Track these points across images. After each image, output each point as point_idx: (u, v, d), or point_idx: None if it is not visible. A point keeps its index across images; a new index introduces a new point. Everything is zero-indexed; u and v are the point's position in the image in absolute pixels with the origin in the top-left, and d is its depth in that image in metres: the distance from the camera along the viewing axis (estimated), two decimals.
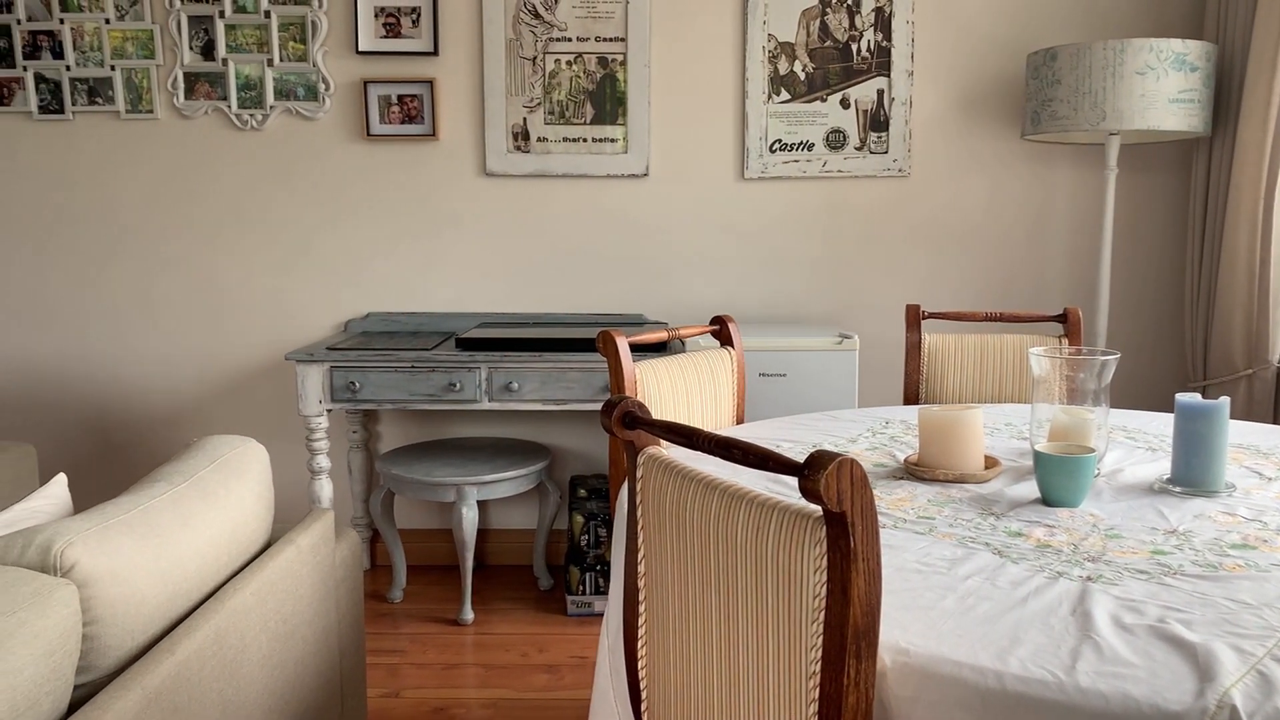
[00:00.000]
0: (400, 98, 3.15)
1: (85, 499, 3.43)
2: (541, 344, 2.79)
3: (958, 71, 3.18)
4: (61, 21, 3.15)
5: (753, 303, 3.27)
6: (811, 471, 0.90)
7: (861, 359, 3.31)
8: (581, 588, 2.97)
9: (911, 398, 2.50)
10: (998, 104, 3.19)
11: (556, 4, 3.10)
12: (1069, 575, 1.18)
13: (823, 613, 0.95)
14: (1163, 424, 2.01)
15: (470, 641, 2.80)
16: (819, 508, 0.94)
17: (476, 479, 2.85)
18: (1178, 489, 1.53)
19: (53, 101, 3.19)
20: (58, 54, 3.16)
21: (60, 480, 1.58)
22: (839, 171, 3.19)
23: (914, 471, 1.62)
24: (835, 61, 3.15)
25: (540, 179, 3.22)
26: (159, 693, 1.18)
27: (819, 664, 0.96)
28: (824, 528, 0.94)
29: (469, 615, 2.93)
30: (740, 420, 2.17)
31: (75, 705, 1.18)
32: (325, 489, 2.90)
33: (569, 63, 3.13)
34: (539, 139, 3.16)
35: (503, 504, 3.41)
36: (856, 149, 3.18)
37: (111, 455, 3.38)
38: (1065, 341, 2.44)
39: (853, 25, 3.13)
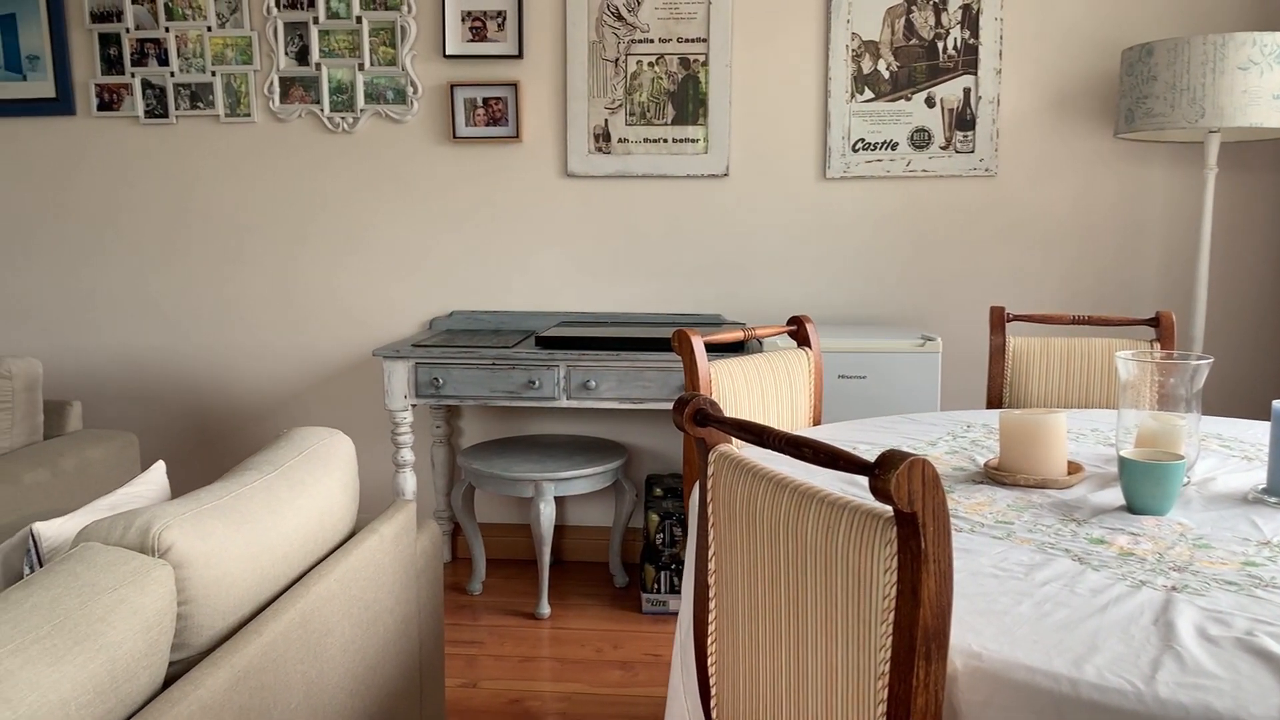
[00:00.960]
0: (485, 100, 3.21)
1: (181, 486, 3.58)
2: (619, 343, 2.81)
3: (1047, 69, 3.10)
4: (167, 30, 3.29)
5: (833, 304, 3.25)
6: (882, 471, 0.90)
7: (944, 362, 3.26)
8: (656, 586, 2.99)
9: (995, 401, 2.46)
10: (1089, 102, 3.11)
11: (639, 6, 3.12)
12: (1152, 584, 1.15)
13: (892, 613, 0.95)
14: (1260, 432, 1.93)
15: (546, 636, 2.84)
16: (890, 508, 0.94)
17: (554, 475, 2.89)
18: (1273, 499, 1.47)
19: (158, 106, 3.34)
20: (163, 61, 3.31)
21: (159, 467, 1.66)
22: (923, 171, 3.14)
23: (994, 476, 1.60)
24: (920, 60, 3.10)
25: (621, 180, 3.24)
26: (247, 672, 1.23)
27: (888, 664, 0.95)
28: (895, 528, 0.94)
29: (545, 610, 2.97)
30: (818, 422, 2.16)
31: (169, 680, 1.24)
32: (409, 482, 2.97)
33: (650, 64, 3.15)
34: (620, 140, 3.19)
35: (579, 501, 3.45)
36: (941, 148, 3.13)
37: (207, 445, 3.52)
38: (1157, 346, 2.36)
39: (939, 23, 3.08)
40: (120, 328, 3.49)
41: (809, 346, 2.13)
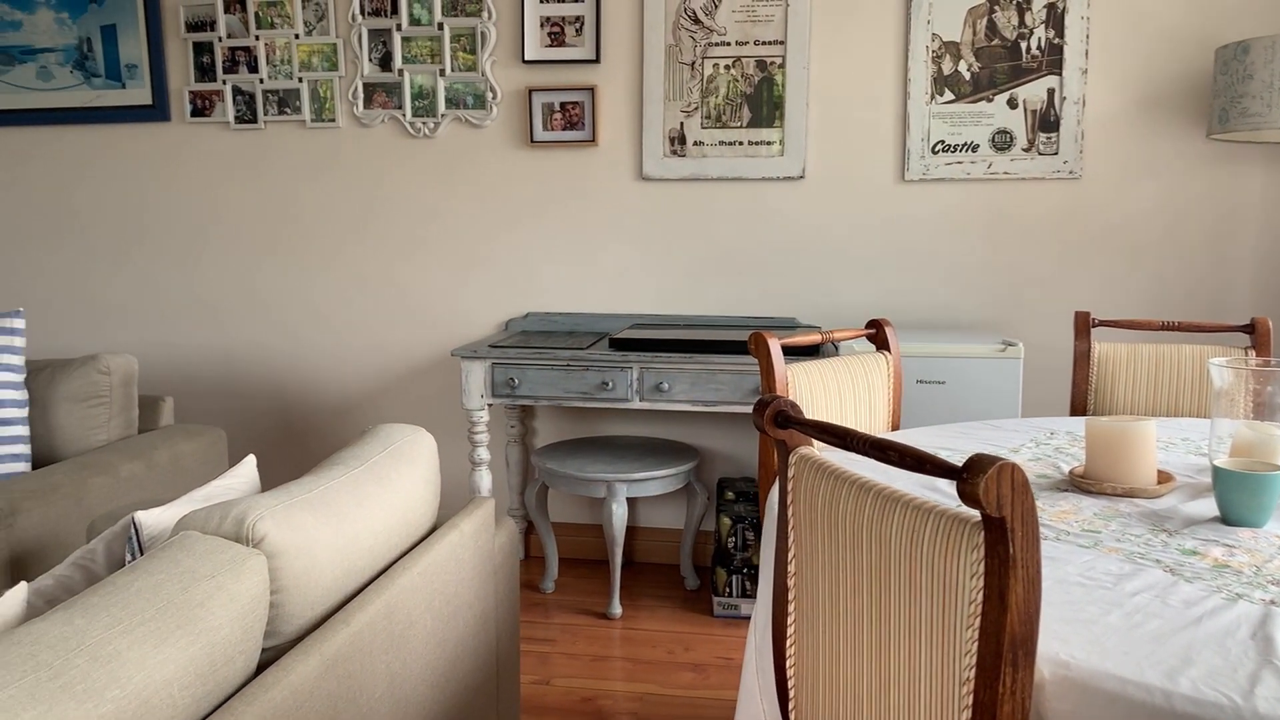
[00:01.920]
0: (562, 105, 3.25)
1: (268, 480, 3.68)
2: (693, 345, 2.82)
3: (1136, 68, 3.02)
4: (257, 38, 3.40)
5: (911, 308, 3.21)
6: (970, 475, 0.89)
7: (1026, 368, 3.19)
8: (728, 590, 2.98)
9: (1079, 409, 2.40)
10: (1180, 101, 3.02)
11: (716, 9, 3.13)
12: (1249, 598, 1.11)
13: (978, 619, 0.94)
14: None
15: (618, 635, 2.86)
16: (977, 512, 0.93)
17: (627, 476, 2.90)
18: None
19: (247, 112, 3.45)
20: (253, 68, 3.42)
21: (250, 461, 1.72)
22: (1005, 173, 3.09)
23: (1079, 484, 1.56)
24: (1003, 60, 3.05)
25: (695, 182, 3.25)
26: (335, 660, 1.27)
27: (973, 671, 0.94)
28: (982, 533, 0.93)
29: (617, 610, 2.99)
30: (896, 427, 2.14)
31: (261, 667, 1.28)
32: (484, 480, 3.01)
33: (727, 67, 3.15)
34: (695, 143, 3.20)
35: (651, 502, 3.46)
36: (1024, 150, 3.07)
37: (291, 441, 3.62)
38: (1252, 353, 2.28)
39: (1022, 22, 3.02)
40: (210, 327, 3.61)
41: (888, 350, 2.11)
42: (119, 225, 3.61)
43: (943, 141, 3.10)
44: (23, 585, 1.22)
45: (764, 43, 3.13)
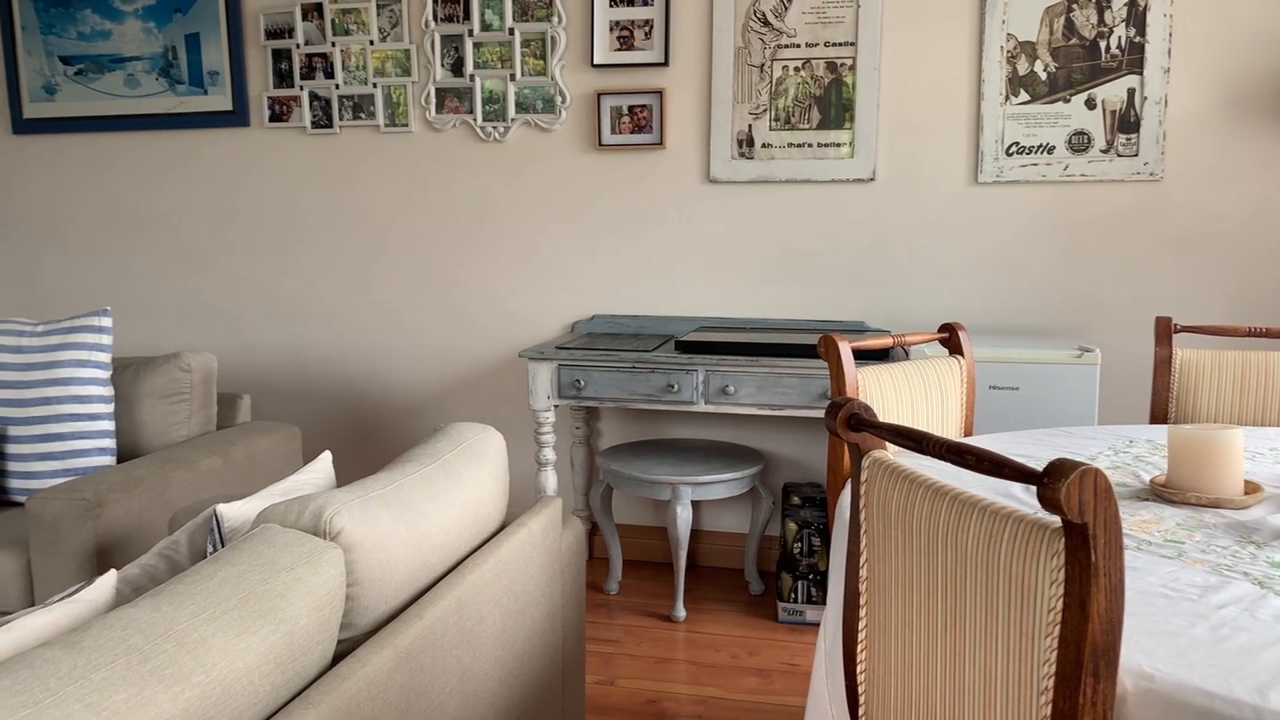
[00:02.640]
0: (631, 108, 3.26)
1: (341, 477, 3.76)
2: (759, 348, 2.80)
3: (1221, 67, 2.93)
4: (333, 44, 3.47)
5: (984, 312, 3.15)
6: (1051, 480, 0.87)
7: (1103, 374, 3.11)
8: (794, 596, 2.96)
9: (1159, 416, 2.33)
10: (1267, 100, 2.91)
11: (786, 11, 3.11)
12: None
13: (1058, 627, 0.92)
14: None
15: (682, 638, 2.86)
16: (1058, 518, 0.91)
17: (691, 479, 2.90)
18: None
19: (323, 117, 3.53)
20: (329, 74, 3.50)
21: (326, 457, 1.75)
22: (1082, 175, 3.02)
23: (1161, 493, 1.52)
24: (1081, 60, 2.98)
25: (763, 185, 3.23)
26: (408, 653, 1.29)
27: (1052, 680, 0.92)
28: (1062, 539, 0.91)
29: (681, 613, 2.98)
30: (968, 432, 2.10)
31: (337, 658, 1.31)
32: (550, 480, 3.04)
33: (796, 69, 3.13)
34: (763, 145, 3.19)
35: (716, 506, 3.45)
36: (1102, 151, 3.00)
37: (362, 438, 3.69)
38: None
39: (1101, 21, 2.95)
40: (286, 327, 3.70)
41: (961, 355, 2.07)
42: (200, 228, 3.72)
43: (1017, 143, 3.04)
44: (112, 573, 1.26)
45: (834, 44, 3.10)
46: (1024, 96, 3.03)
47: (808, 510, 2.98)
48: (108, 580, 1.25)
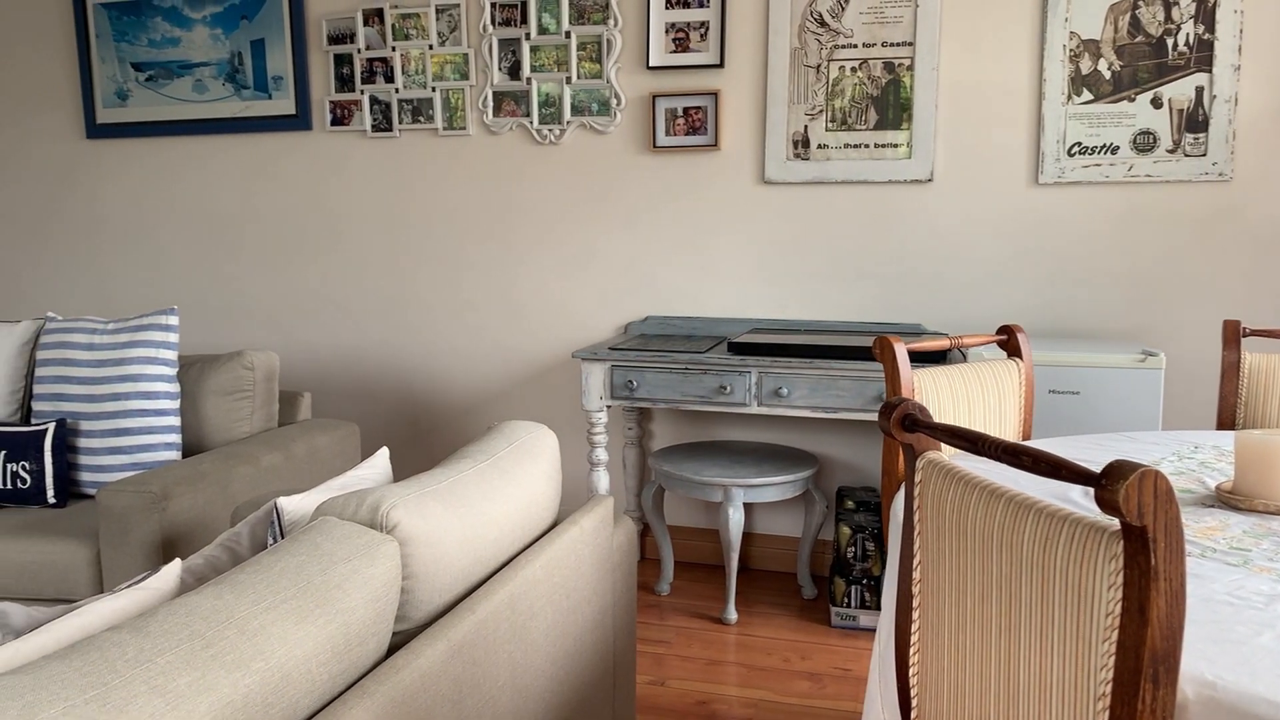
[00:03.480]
0: (685, 110, 3.27)
1: (398, 474, 3.82)
2: (813, 350, 2.79)
3: None
4: (393, 49, 3.53)
5: (1043, 315, 3.09)
6: (1110, 481, 0.86)
7: (1167, 379, 3.04)
8: (847, 600, 2.94)
9: (1226, 422, 2.27)
10: None
11: (843, 11, 3.09)
12: None
13: (1115, 632, 0.90)
14: None
15: (733, 641, 2.85)
16: (1116, 521, 0.89)
17: (744, 481, 2.89)
18: None
19: (383, 121, 3.59)
20: (389, 78, 3.56)
21: (383, 453, 1.78)
22: (1146, 176, 2.95)
23: (1227, 500, 1.48)
24: (1146, 58, 2.91)
25: (819, 186, 3.22)
26: (461, 646, 1.31)
27: (1109, 686, 0.90)
28: (1121, 542, 0.89)
29: (732, 615, 2.98)
30: (1026, 437, 2.07)
31: (391, 650, 1.33)
32: (602, 480, 3.05)
33: (853, 69, 3.11)
34: (819, 146, 3.17)
35: (768, 509, 3.43)
36: (1169, 152, 2.93)
37: (419, 436, 3.75)
38: None
39: (1169, 18, 2.88)
40: (345, 327, 3.77)
41: (1019, 357, 2.04)
42: (264, 229, 3.81)
43: (1080, 143, 2.99)
44: (177, 561, 1.30)
45: (892, 44, 3.08)
46: (1087, 96, 2.97)
47: (862, 514, 2.95)
48: (173, 569, 1.28)
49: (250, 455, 2.59)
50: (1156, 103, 2.92)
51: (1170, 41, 2.89)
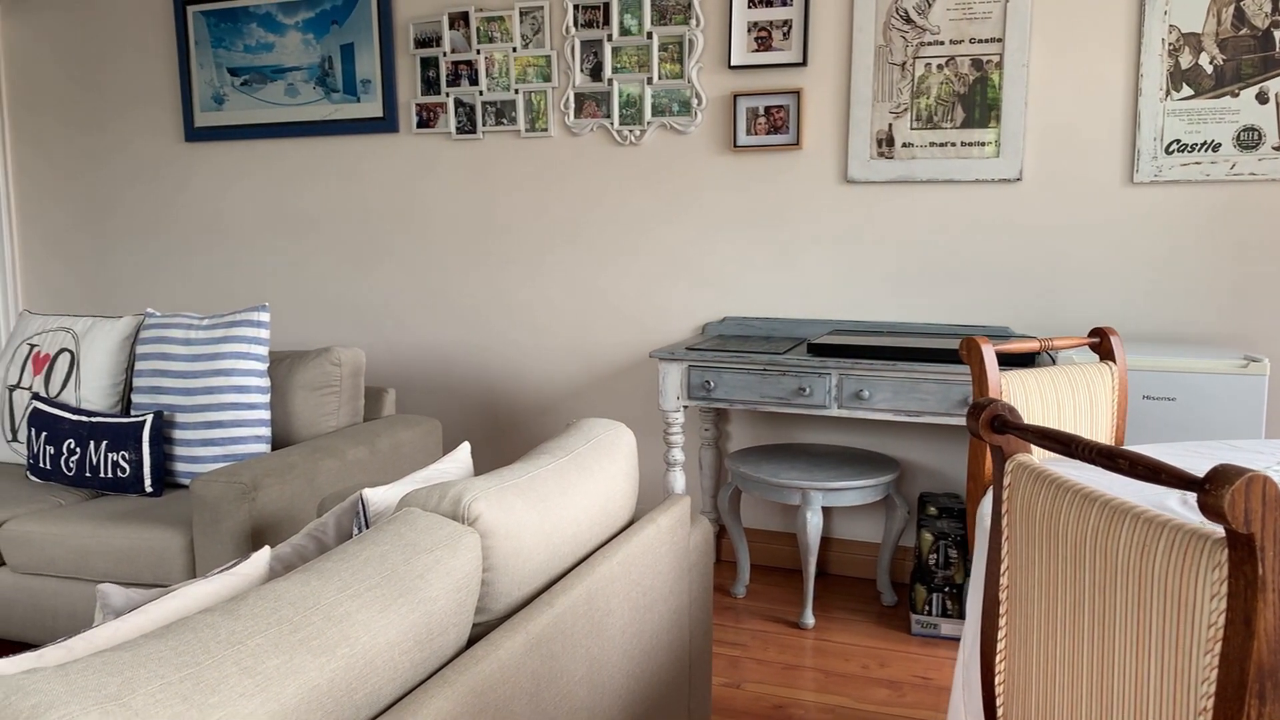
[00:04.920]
0: (767, 109, 3.24)
1: (478, 470, 3.87)
2: (896, 352, 2.74)
3: None
4: (478, 52, 3.59)
5: (1137, 318, 2.99)
6: (1214, 486, 0.82)
7: (1272, 385, 2.90)
8: (928, 608, 2.88)
9: None
10: None
11: (930, 8, 3.04)
12: None
13: (1218, 644, 0.86)
14: None
15: (810, 646, 2.81)
16: (1220, 527, 0.85)
17: (823, 485, 2.85)
18: None
19: (467, 123, 3.65)
20: (473, 81, 3.61)
21: (465, 447, 1.81)
22: (1251, 174, 2.83)
23: None
24: (1252, 52, 2.79)
25: (902, 185, 3.16)
26: (540, 639, 1.31)
27: (1211, 700, 0.87)
28: (1226, 550, 0.85)
29: (810, 620, 2.94)
30: (1119, 443, 2.00)
31: (471, 641, 1.34)
32: (679, 481, 3.04)
33: (940, 66, 3.05)
34: (904, 144, 3.11)
35: (847, 513, 3.39)
36: (1275, 149, 2.80)
37: (498, 433, 3.79)
38: None
39: (1276, 9, 2.76)
40: (429, 324, 3.83)
41: (1113, 361, 1.97)
42: (351, 229, 3.90)
43: (1178, 140, 2.88)
44: (266, 549, 1.34)
45: (980, 40, 3.01)
46: (1187, 91, 2.86)
47: (945, 521, 2.89)
48: (262, 556, 1.32)
49: (336, 449, 2.65)
50: (1262, 98, 2.80)
51: (1278, 34, 2.77)
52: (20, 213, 4.46)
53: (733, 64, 3.26)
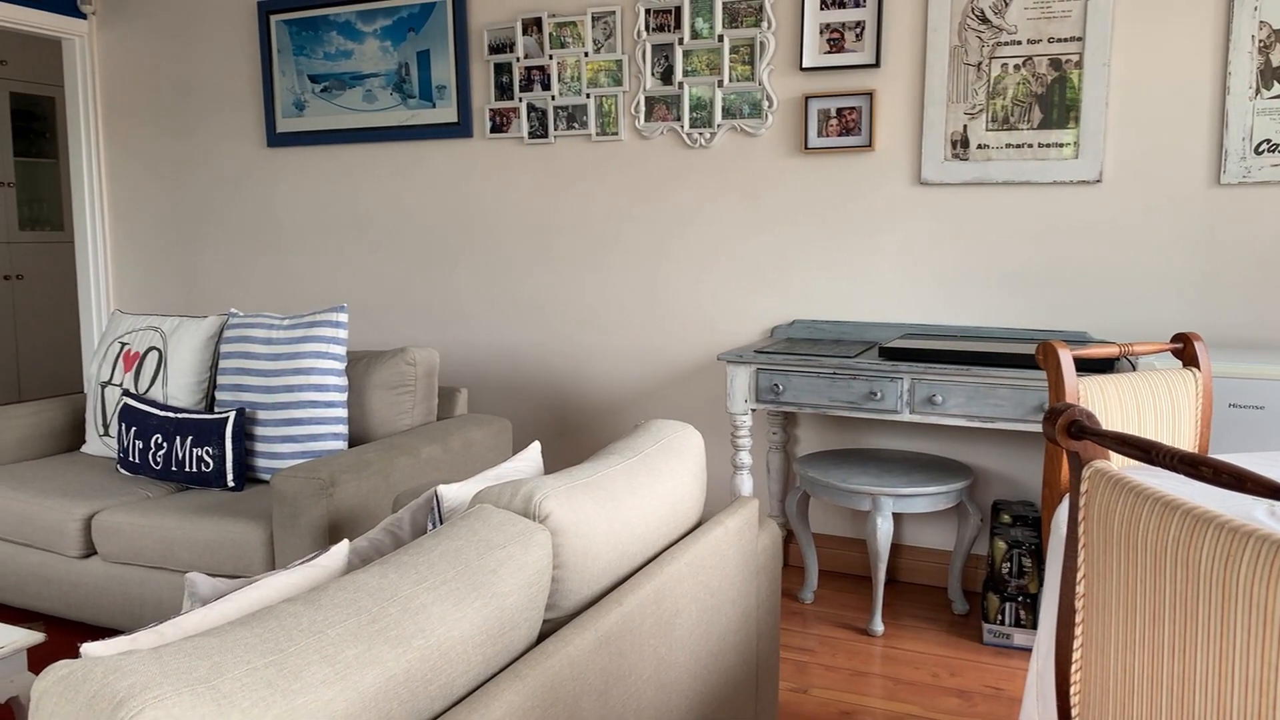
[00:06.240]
0: (839, 110, 3.22)
1: (548, 469, 3.91)
2: (971, 357, 2.70)
3: None
4: (550, 57, 3.63)
5: (1223, 324, 2.89)
6: None
7: None
8: (1000, 618, 2.82)
9: None
10: None
11: (1007, 7, 2.98)
12: None
13: None
14: None
15: (879, 653, 2.78)
16: None
17: (894, 490, 2.82)
18: None
19: (539, 127, 3.69)
20: (545, 86, 3.65)
21: (535, 446, 1.83)
22: None
23: None
24: None
25: (977, 187, 3.11)
26: (609, 637, 1.33)
27: None
28: None
29: (879, 627, 2.91)
30: (1203, 451, 1.94)
31: (541, 637, 1.36)
32: (745, 484, 3.04)
33: (1017, 66, 2.99)
34: (979, 146, 3.06)
35: (918, 520, 3.34)
36: None
37: (567, 434, 3.83)
38: None
39: None
40: (499, 326, 3.89)
41: (1196, 367, 1.92)
42: (426, 232, 3.98)
43: (1269, 140, 2.78)
44: (345, 541, 1.37)
45: (1059, 39, 2.95)
46: (1278, 90, 2.76)
47: (1019, 529, 2.83)
48: (341, 549, 1.36)
49: (410, 446, 2.71)
50: None
51: None
52: (112, 216, 4.64)
53: (804, 66, 3.24)
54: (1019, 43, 2.99)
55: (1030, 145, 3.01)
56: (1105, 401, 1.81)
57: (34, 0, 4.28)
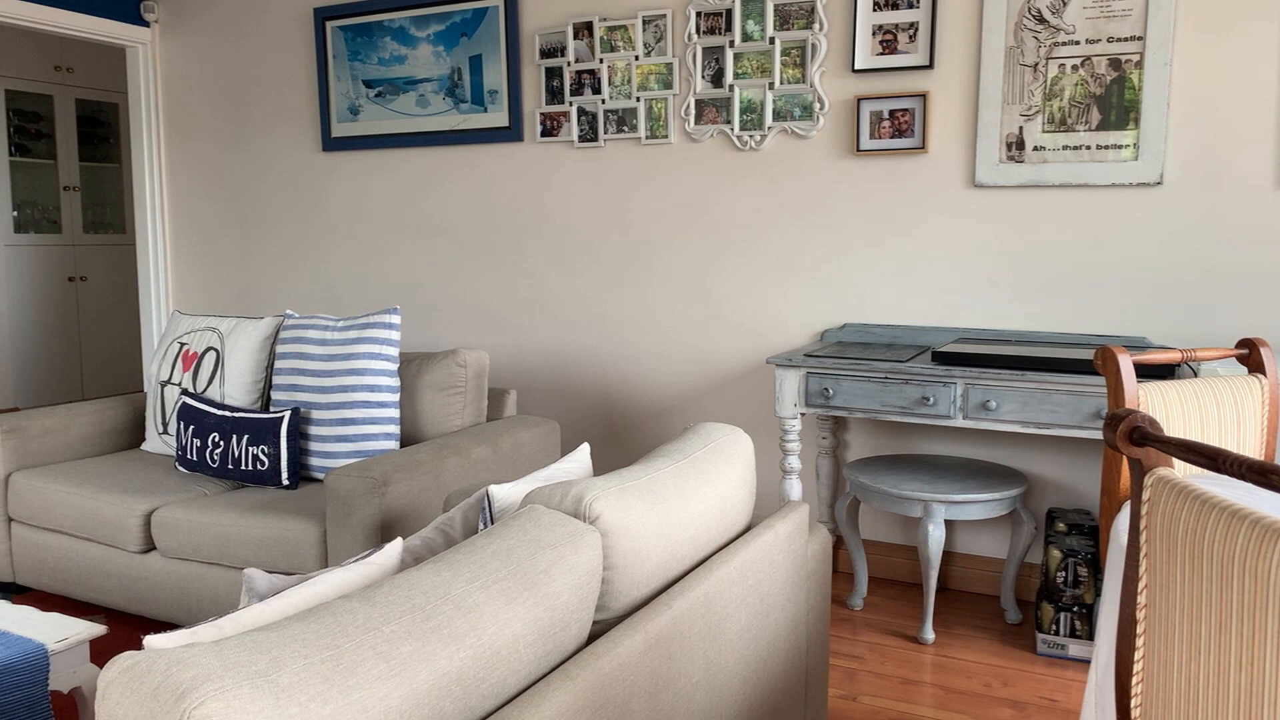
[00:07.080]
0: (891, 112, 3.19)
1: (595, 470, 3.92)
2: (1026, 362, 2.65)
3: None
4: (601, 61, 3.64)
5: None
6: None
7: None
8: (1054, 628, 2.77)
9: None
10: None
11: (1065, 7, 2.93)
12: None
13: None
14: None
15: (929, 661, 2.75)
16: None
17: (946, 497, 2.79)
18: None
19: (589, 131, 3.71)
20: (595, 90, 3.67)
21: (584, 448, 1.84)
22: None
23: None
24: None
25: (1033, 189, 3.06)
26: (658, 639, 1.33)
27: None
28: None
29: (930, 635, 2.87)
30: (1270, 460, 1.89)
31: (590, 638, 1.37)
32: (795, 489, 3.02)
33: (1074, 66, 2.94)
34: (1035, 148, 3.01)
35: (970, 527, 3.29)
36: None
37: (615, 437, 3.84)
38: None
39: None
40: (549, 329, 3.91)
41: (1263, 374, 1.87)
42: (478, 235, 4.02)
43: None
44: (399, 540, 1.39)
45: (1118, 39, 2.89)
46: None
47: (1074, 538, 2.78)
48: (395, 547, 1.37)
49: (461, 447, 2.73)
50: None
51: None
52: (172, 218, 4.75)
53: (856, 68, 3.22)
54: (1077, 43, 2.93)
55: (1088, 147, 2.95)
56: (1166, 408, 1.77)
57: (101, 9, 4.40)
